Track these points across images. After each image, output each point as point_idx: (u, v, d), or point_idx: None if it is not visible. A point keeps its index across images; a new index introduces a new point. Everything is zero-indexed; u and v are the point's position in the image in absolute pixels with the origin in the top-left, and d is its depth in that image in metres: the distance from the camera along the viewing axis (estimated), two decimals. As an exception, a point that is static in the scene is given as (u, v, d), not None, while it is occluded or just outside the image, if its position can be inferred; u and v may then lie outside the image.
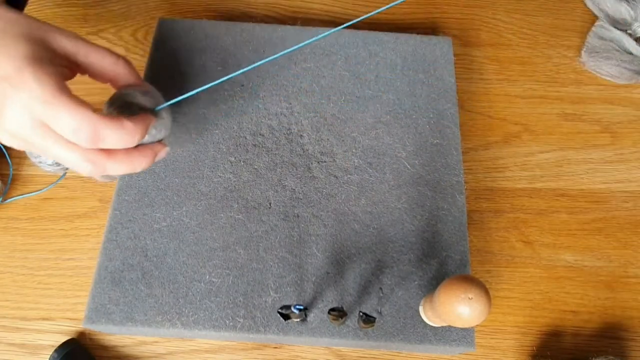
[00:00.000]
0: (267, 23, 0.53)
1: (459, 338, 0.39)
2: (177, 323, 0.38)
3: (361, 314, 0.35)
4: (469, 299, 0.30)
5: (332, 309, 0.35)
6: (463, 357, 0.43)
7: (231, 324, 0.38)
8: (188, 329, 0.38)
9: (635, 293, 0.46)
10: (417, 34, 0.52)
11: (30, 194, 0.48)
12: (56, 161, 0.33)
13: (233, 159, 0.44)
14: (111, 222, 0.41)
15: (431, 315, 0.37)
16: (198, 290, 0.39)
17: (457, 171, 0.45)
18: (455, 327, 0.39)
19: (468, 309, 0.30)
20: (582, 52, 0.58)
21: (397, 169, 0.45)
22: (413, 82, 0.49)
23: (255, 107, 0.47)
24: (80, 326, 0.42)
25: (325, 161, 0.45)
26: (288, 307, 0.34)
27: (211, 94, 0.47)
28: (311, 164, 0.44)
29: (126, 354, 0.42)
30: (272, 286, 0.39)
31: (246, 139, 0.45)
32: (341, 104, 0.47)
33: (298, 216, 0.42)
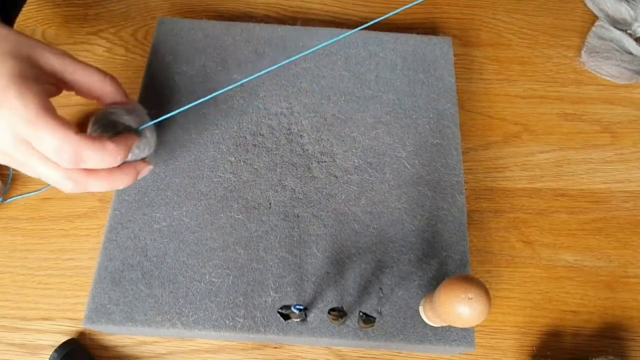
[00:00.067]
0: (267, 23, 0.53)
1: (459, 338, 0.39)
2: (177, 323, 0.38)
3: (361, 314, 0.35)
4: (469, 299, 0.30)
5: (332, 309, 0.35)
6: (463, 357, 0.43)
7: (231, 324, 0.38)
8: (188, 329, 0.38)
9: (635, 293, 0.46)
10: (417, 34, 0.52)
11: (30, 194, 0.48)
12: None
13: (233, 159, 0.44)
14: (111, 222, 0.41)
15: (431, 315, 0.37)
16: (198, 290, 0.39)
17: (457, 171, 0.45)
18: (455, 327, 0.39)
19: (468, 309, 0.30)
20: (582, 52, 0.58)
21: (397, 169, 0.45)
22: (413, 82, 0.49)
23: (255, 107, 0.47)
24: (80, 326, 0.42)
25: (325, 161, 0.45)
26: (288, 307, 0.34)
27: (211, 94, 0.47)
28: (311, 164, 0.44)
29: (126, 354, 0.42)
30: (272, 286, 0.39)
31: (246, 139, 0.45)
32: (341, 104, 0.47)
33: (298, 216, 0.42)
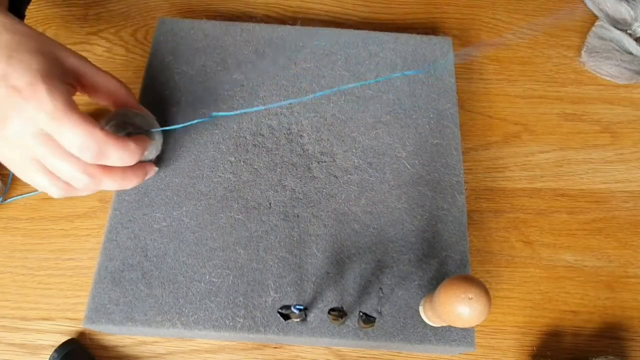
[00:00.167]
0: (267, 23, 0.53)
1: (459, 338, 0.39)
2: (177, 323, 0.38)
3: (361, 314, 0.35)
4: (469, 299, 0.30)
5: (332, 309, 0.35)
6: (463, 357, 0.43)
7: (231, 324, 0.38)
8: (188, 329, 0.38)
9: (635, 293, 0.46)
10: (417, 34, 0.52)
11: (30, 194, 0.48)
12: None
13: (233, 159, 0.44)
14: (111, 222, 0.41)
15: (431, 315, 0.37)
16: (198, 290, 0.39)
17: (457, 171, 0.45)
18: (455, 327, 0.39)
19: (468, 309, 0.30)
20: (582, 52, 0.58)
21: (397, 169, 0.45)
22: (413, 82, 0.49)
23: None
24: (80, 326, 0.42)
25: (325, 161, 0.45)
26: (288, 307, 0.34)
27: (211, 94, 0.47)
28: (311, 164, 0.44)
29: (126, 354, 0.42)
30: (272, 286, 0.39)
31: (246, 139, 0.45)
32: (341, 104, 0.47)
33: (298, 216, 0.42)
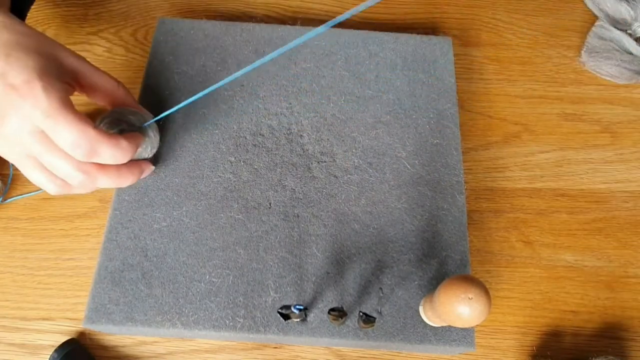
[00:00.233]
0: (267, 23, 0.53)
1: (459, 338, 0.39)
2: (177, 323, 0.38)
3: (361, 314, 0.35)
4: (469, 299, 0.30)
5: (332, 309, 0.35)
6: (463, 357, 0.43)
7: (231, 324, 0.38)
8: (188, 329, 0.38)
9: (635, 293, 0.46)
10: (417, 34, 0.52)
11: (30, 194, 0.48)
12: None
13: (233, 159, 0.44)
14: (111, 222, 0.41)
15: (431, 315, 0.37)
16: (198, 290, 0.39)
17: (457, 171, 0.45)
18: (455, 327, 0.39)
19: (468, 309, 0.30)
20: (582, 52, 0.58)
21: (397, 169, 0.45)
22: (413, 82, 0.49)
23: (255, 107, 0.47)
24: (80, 326, 0.42)
25: (325, 161, 0.45)
26: (288, 307, 0.34)
27: (211, 94, 0.47)
28: (311, 164, 0.44)
29: (126, 354, 0.42)
30: (272, 286, 0.39)
31: (246, 139, 0.45)
32: (341, 104, 0.47)
33: (298, 216, 0.42)
